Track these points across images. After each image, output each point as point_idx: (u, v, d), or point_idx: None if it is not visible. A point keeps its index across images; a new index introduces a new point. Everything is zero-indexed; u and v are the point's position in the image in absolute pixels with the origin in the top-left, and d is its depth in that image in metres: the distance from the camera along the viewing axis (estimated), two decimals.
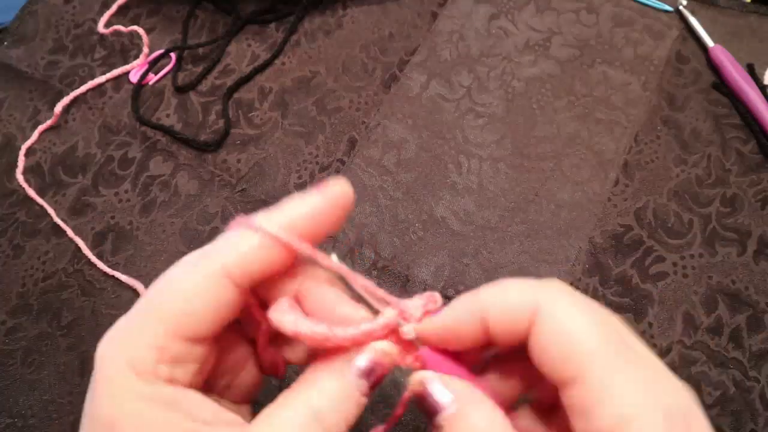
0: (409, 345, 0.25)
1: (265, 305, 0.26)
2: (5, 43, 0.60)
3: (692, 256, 0.46)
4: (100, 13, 0.60)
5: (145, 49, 0.57)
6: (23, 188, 0.52)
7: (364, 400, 0.23)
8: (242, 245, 0.23)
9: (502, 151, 0.51)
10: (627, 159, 0.50)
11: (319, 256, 0.24)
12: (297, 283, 0.25)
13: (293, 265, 0.25)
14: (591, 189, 0.49)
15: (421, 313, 0.24)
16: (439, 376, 0.23)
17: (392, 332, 0.24)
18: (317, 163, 0.51)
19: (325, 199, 0.24)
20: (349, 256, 0.47)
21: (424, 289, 0.46)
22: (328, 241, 0.48)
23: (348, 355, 0.23)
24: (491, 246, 0.47)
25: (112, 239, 0.49)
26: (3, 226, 0.51)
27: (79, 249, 0.49)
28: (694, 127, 0.51)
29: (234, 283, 0.23)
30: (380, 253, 0.47)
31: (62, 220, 0.51)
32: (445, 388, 0.23)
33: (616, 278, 0.45)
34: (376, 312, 0.25)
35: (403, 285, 0.46)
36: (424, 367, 0.24)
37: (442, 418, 0.23)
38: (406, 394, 0.24)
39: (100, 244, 0.49)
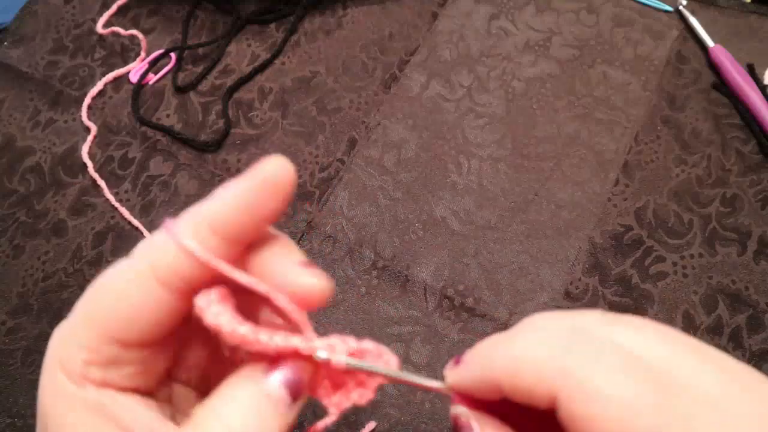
0: (337, 378, 0.23)
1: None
2: (5, 43, 0.60)
3: (692, 256, 0.46)
4: (100, 14, 0.60)
5: (143, 54, 0.57)
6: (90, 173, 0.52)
7: (287, 415, 0.21)
8: (170, 248, 0.21)
9: (502, 151, 0.51)
10: (627, 159, 0.50)
11: (226, 268, 0.21)
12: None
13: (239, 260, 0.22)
14: (591, 189, 0.49)
15: (346, 352, 0.22)
16: (477, 417, 0.21)
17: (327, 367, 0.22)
18: (317, 163, 0.51)
19: (256, 185, 0.21)
20: (349, 256, 0.47)
21: (424, 289, 0.46)
22: (328, 241, 0.48)
23: (261, 364, 0.22)
24: (491, 246, 0.47)
25: (112, 239, 0.49)
26: (3, 226, 0.51)
27: (79, 248, 0.49)
28: (694, 127, 0.51)
29: (168, 288, 0.21)
30: (380, 253, 0.47)
31: (62, 219, 0.51)
32: None
33: (616, 278, 0.45)
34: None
35: (403, 285, 0.46)
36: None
37: None
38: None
39: (100, 244, 0.49)
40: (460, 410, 0.22)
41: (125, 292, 0.21)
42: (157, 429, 0.21)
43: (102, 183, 0.52)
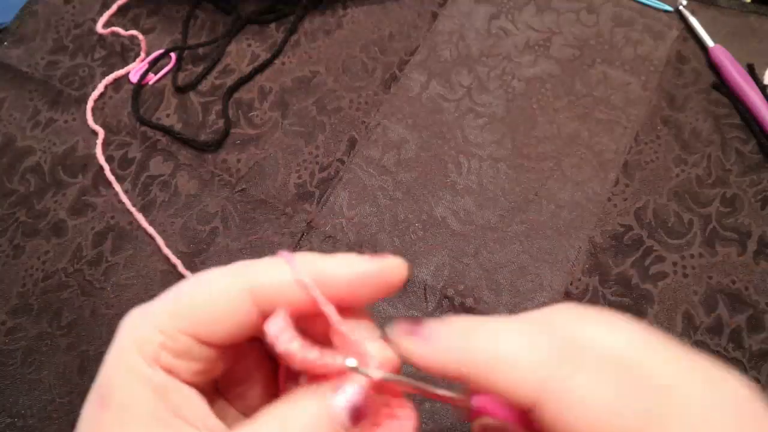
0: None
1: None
2: (5, 43, 0.60)
3: (692, 256, 0.46)
4: (101, 13, 0.60)
5: (142, 54, 0.57)
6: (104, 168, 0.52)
7: None
8: (279, 274, 0.23)
9: (502, 151, 0.51)
10: (627, 159, 0.50)
11: (335, 318, 0.23)
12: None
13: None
14: (591, 189, 0.49)
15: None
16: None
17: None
18: (317, 163, 0.51)
19: (379, 272, 0.24)
20: None
21: (424, 289, 0.46)
22: (327, 240, 0.48)
23: (336, 382, 0.22)
24: (491, 246, 0.47)
25: (112, 239, 0.49)
26: (3, 226, 0.51)
27: (79, 249, 0.49)
28: (694, 127, 0.51)
29: (256, 305, 0.23)
30: (380, 253, 0.47)
31: (62, 219, 0.51)
32: None
33: (616, 278, 0.45)
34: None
35: (403, 285, 0.46)
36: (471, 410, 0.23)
37: None
38: None
39: (100, 244, 0.49)
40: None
41: (220, 297, 0.23)
42: (209, 422, 0.23)
43: (118, 187, 0.51)
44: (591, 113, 0.52)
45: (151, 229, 0.49)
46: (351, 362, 0.22)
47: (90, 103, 0.55)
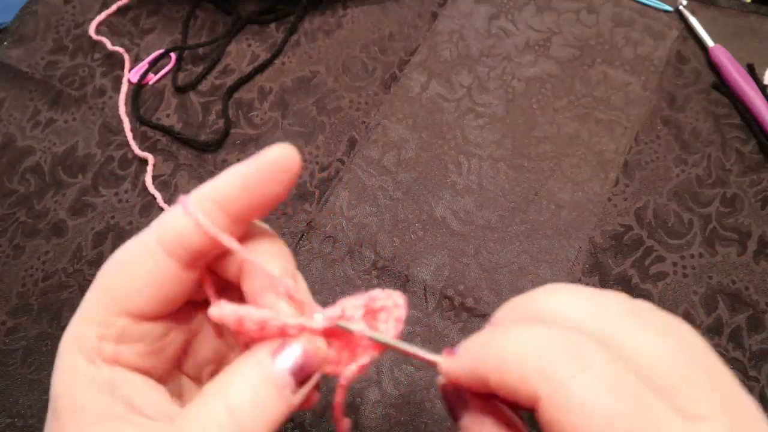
0: (353, 350, 0.23)
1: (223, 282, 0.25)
2: (5, 43, 0.60)
3: (692, 256, 0.46)
4: (101, 13, 0.60)
5: (126, 72, 0.57)
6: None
7: (291, 399, 0.21)
8: (179, 220, 0.22)
9: (502, 151, 0.51)
10: (627, 159, 0.50)
11: (234, 245, 0.22)
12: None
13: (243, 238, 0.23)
14: (591, 189, 0.49)
15: (361, 314, 0.23)
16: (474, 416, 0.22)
17: (335, 335, 0.23)
18: (317, 163, 0.51)
19: (259, 167, 0.22)
20: (349, 256, 0.47)
21: (424, 289, 0.46)
22: (328, 241, 0.48)
23: (271, 345, 0.22)
24: (491, 246, 0.47)
25: (112, 239, 0.49)
26: (3, 226, 0.51)
27: (79, 248, 0.49)
28: (694, 127, 0.51)
29: (172, 257, 0.22)
30: (380, 253, 0.47)
31: (62, 219, 0.51)
32: None
33: (616, 278, 0.45)
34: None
35: (403, 285, 0.46)
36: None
37: None
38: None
39: (100, 244, 0.49)
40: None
41: (132, 262, 0.22)
42: (166, 409, 0.22)
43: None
44: (591, 113, 0.52)
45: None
46: (318, 318, 0.22)
47: (132, 140, 0.53)
